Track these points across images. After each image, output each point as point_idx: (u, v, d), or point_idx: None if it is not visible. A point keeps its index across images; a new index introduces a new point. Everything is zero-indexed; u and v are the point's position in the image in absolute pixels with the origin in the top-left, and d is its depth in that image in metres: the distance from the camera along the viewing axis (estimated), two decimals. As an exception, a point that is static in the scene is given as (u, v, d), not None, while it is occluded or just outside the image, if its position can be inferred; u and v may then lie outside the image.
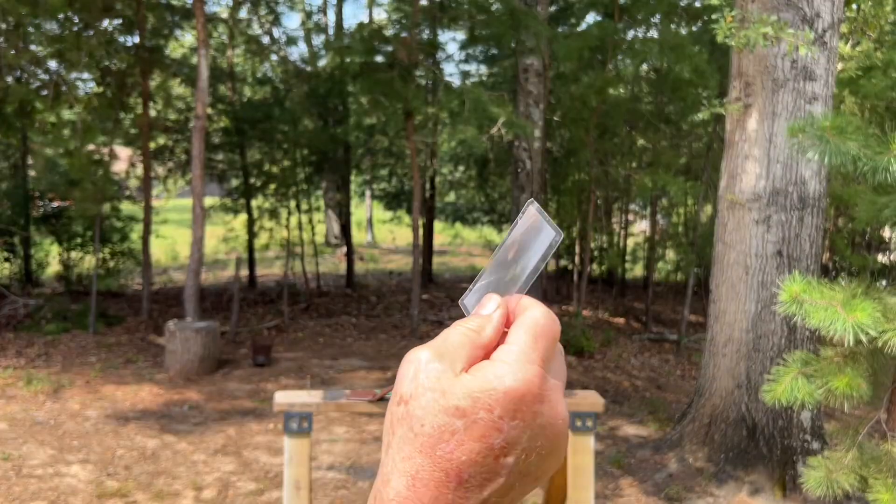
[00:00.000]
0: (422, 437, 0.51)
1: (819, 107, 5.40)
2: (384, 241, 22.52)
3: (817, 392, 3.11)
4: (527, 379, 0.53)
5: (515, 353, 0.54)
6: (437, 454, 0.51)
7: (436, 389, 0.52)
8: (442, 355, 0.54)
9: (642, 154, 13.17)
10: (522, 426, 0.52)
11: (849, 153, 2.68)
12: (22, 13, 8.90)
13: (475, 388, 0.52)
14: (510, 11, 9.45)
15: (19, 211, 11.99)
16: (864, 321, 2.61)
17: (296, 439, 3.58)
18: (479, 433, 0.51)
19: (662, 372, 9.39)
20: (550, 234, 0.61)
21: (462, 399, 0.52)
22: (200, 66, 8.70)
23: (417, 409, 0.52)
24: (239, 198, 13.01)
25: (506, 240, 0.64)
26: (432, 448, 0.51)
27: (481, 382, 0.52)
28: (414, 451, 0.51)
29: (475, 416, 0.51)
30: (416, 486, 0.51)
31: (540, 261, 0.61)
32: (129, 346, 9.13)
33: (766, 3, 5.24)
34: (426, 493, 0.51)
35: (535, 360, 0.54)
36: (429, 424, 0.51)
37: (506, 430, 0.52)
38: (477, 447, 0.51)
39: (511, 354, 0.54)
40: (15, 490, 5.09)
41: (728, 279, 5.72)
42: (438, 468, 0.51)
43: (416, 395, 0.52)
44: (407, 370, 0.54)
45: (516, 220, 0.64)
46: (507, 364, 0.53)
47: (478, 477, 0.52)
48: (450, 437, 0.51)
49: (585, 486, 3.65)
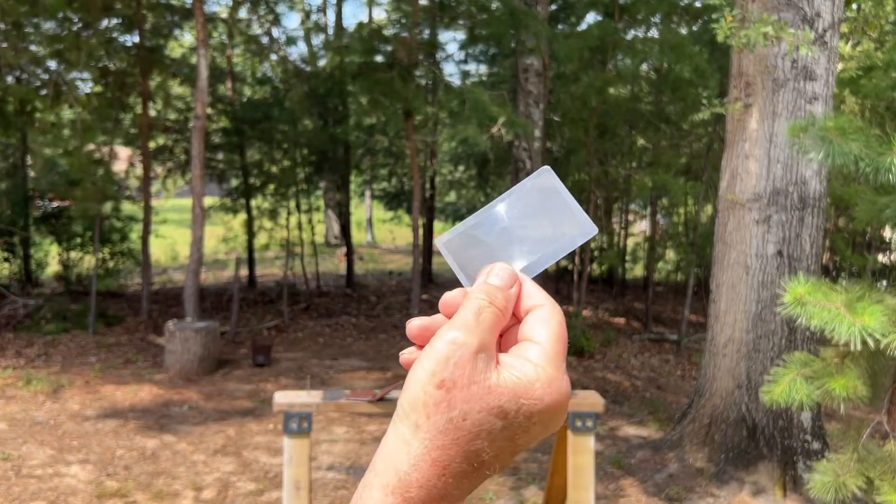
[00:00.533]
0: (461, 431, 0.52)
1: (819, 107, 5.39)
2: (384, 241, 22.51)
3: (815, 393, 3.10)
4: (565, 392, 0.54)
5: (552, 360, 0.54)
6: (471, 449, 0.52)
7: (481, 385, 0.52)
8: (486, 346, 0.54)
9: (642, 154, 13.16)
10: (546, 430, 0.55)
11: (851, 153, 2.67)
12: (21, 13, 8.89)
13: (521, 394, 0.53)
14: (510, 11, 9.44)
15: (19, 211, 11.98)
16: (872, 325, 2.60)
17: (295, 439, 3.57)
18: (512, 434, 0.53)
19: (662, 372, 9.38)
20: (585, 226, 0.59)
21: (508, 402, 0.52)
22: (200, 66, 8.69)
23: (461, 400, 0.52)
24: (238, 198, 13.00)
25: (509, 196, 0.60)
26: (468, 443, 0.52)
27: (527, 386, 0.53)
28: (450, 442, 0.52)
29: (515, 419, 0.53)
30: (446, 477, 0.52)
31: (562, 249, 0.59)
32: (129, 346, 9.13)
33: (767, 2, 5.24)
34: (453, 484, 0.52)
35: (564, 368, 0.55)
36: (470, 421, 0.52)
37: (533, 433, 0.54)
38: (506, 446, 0.53)
39: (549, 361, 0.54)
40: (14, 490, 5.08)
41: (728, 279, 5.72)
42: (467, 461, 0.52)
43: (461, 385, 0.52)
44: (451, 352, 0.52)
45: (525, 182, 0.60)
46: (546, 371, 0.54)
47: (497, 468, 0.54)
48: (487, 434, 0.52)
49: (585, 486, 3.64)
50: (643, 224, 15.53)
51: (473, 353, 0.52)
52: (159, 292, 12.90)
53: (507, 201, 0.60)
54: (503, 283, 0.57)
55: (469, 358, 0.52)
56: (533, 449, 6.23)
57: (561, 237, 0.59)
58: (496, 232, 0.60)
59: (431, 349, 0.53)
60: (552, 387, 0.53)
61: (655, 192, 12.04)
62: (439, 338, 0.53)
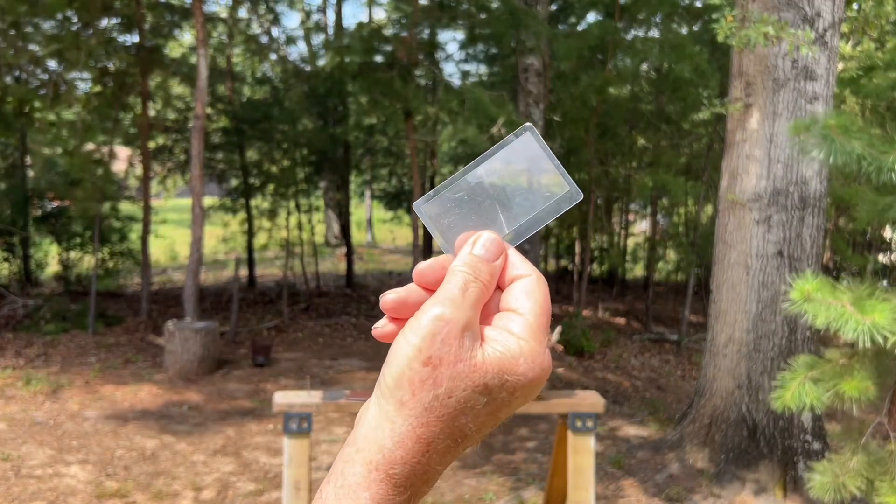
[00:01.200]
0: (446, 409, 0.52)
1: (820, 106, 5.38)
2: (384, 241, 22.50)
3: (825, 396, 3.09)
4: (547, 366, 0.54)
5: (535, 333, 0.54)
6: (455, 425, 0.52)
7: (467, 362, 0.52)
8: (471, 323, 0.53)
9: (642, 154, 13.15)
10: (525, 401, 0.55)
11: (853, 153, 2.66)
12: (20, 12, 8.88)
13: (506, 371, 0.52)
14: (510, 11, 9.43)
15: (18, 211, 11.97)
16: (882, 322, 2.58)
17: (295, 440, 3.56)
18: (495, 409, 0.53)
19: (663, 372, 9.38)
20: (571, 190, 0.56)
21: (492, 379, 0.52)
22: (200, 66, 8.68)
23: (446, 378, 0.51)
24: (238, 198, 12.99)
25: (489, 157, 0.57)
26: (452, 419, 0.52)
27: (511, 362, 0.52)
28: (435, 419, 0.52)
29: (498, 395, 0.53)
30: (430, 454, 0.52)
31: (547, 215, 0.56)
32: (129, 346, 9.12)
33: (767, 2, 5.23)
34: (436, 459, 0.52)
35: (546, 341, 0.54)
36: (455, 398, 0.52)
37: (514, 405, 0.54)
38: (488, 420, 0.53)
39: (532, 334, 0.54)
40: (14, 490, 5.07)
41: (729, 279, 5.71)
42: (451, 437, 0.52)
43: (447, 362, 0.52)
44: (437, 328, 0.52)
45: (505, 142, 0.57)
46: (530, 345, 0.53)
47: (477, 440, 0.54)
48: (470, 411, 0.52)
49: (585, 486, 3.63)
50: (643, 224, 15.52)
51: (460, 331, 0.52)
52: (159, 292, 12.89)
53: (488, 162, 0.57)
54: (489, 254, 0.55)
55: (456, 335, 0.52)
56: (533, 449, 6.22)
57: (545, 202, 0.57)
58: (477, 195, 0.57)
59: (417, 324, 0.52)
60: (535, 362, 0.53)
61: (655, 192, 12.04)
62: (424, 313, 0.53)
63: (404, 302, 0.55)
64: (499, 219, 0.57)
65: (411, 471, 0.51)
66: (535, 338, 0.54)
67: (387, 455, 0.51)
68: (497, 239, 0.56)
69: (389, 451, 0.51)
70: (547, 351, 0.54)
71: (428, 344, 0.51)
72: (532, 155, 0.57)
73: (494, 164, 0.57)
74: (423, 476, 0.52)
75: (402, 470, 0.51)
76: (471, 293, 0.53)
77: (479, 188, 0.57)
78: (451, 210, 0.57)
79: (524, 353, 0.53)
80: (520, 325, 0.54)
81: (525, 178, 0.57)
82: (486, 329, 0.54)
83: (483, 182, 0.57)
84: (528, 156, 0.57)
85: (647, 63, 11.58)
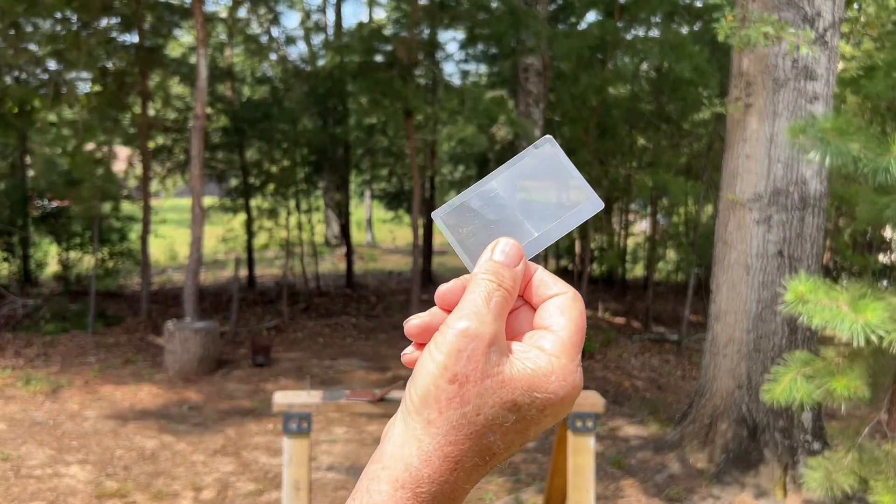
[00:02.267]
0: (474, 426, 0.51)
1: (820, 106, 5.38)
2: (384, 241, 22.49)
3: (816, 392, 3.09)
4: (578, 385, 0.53)
5: (568, 350, 0.53)
6: (483, 442, 0.51)
7: (495, 377, 0.51)
8: (497, 336, 0.52)
9: (642, 154, 13.15)
10: (556, 420, 0.54)
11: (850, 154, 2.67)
12: (20, 12, 8.88)
13: (536, 388, 0.52)
14: (510, 11, 9.43)
15: (18, 211, 11.97)
16: (874, 322, 2.59)
17: (295, 440, 3.56)
18: (524, 426, 0.52)
19: (663, 372, 9.37)
20: (591, 198, 0.57)
21: (521, 395, 0.51)
22: (199, 66, 8.68)
23: (474, 395, 0.51)
24: (238, 198, 12.99)
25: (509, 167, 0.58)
26: (480, 437, 0.51)
27: (542, 379, 0.52)
28: (463, 437, 0.51)
29: (528, 412, 0.52)
30: (458, 472, 0.51)
31: (568, 224, 0.57)
32: (128, 346, 9.11)
33: (767, 2, 5.23)
34: (463, 477, 0.51)
35: (579, 359, 0.54)
36: (483, 415, 0.51)
37: (544, 424, 0.53)
38: (517, 438, 0.53)
39: (565, 351, 0.53)
40: (14, 490, 5.07)
41: (729, 279, 5.71)
42: (479, 455, 0.51)
43: (474, 379, 0.51)
44: (463, 344, 0.51)
45: (525, 153, 0.58)
46: (561, 362, 0.53)
47: (505, 458, 0.53)
48: (499, 428, 0.51)
49: (586, 486, 3.63)
50: (643, 224, 15.52)
51: (487, 346, 0.51)
52: (158, 292, 12.89)
53: (507, 172, 0.58)
54: (509, 259, 0.54)
55: (483, 351, 0.51)
56: (533, 449, 6.22)
57: (567, 210, 0.57)
58: (497, 205, 0.57)
59: (443, 340, 0.51)
60: (567, 380, 0.52)
61: (655, 192, 12.04)
62: (449, 328, 0.51)
63: (428, 326, 0.55)
64: (519, 228, 0.57)
65: (438, 489, 0.50)
66: (568, 354, 0.53)
67: (413, 473, 0.50)
68: (516, 244, 0.55)
69: (416, 470, 0.50)
70: (579, 369, 0.53)
71: (454, 361, 0.50)
72: (553, 166, 0.57)
73: (514, 174, 0.58)
74: (450, 495, 0.51)
75: (428, 489, 0.50)
76: (495, 302, 0.53)
77: (499, 199, 0.57)
78: (470, 220, 0.57)
79: (555, 370, 0.52)
80: (552, 341, 0.53)
81: (545, 188, 0.58)
82: (515, 344, 0.54)
83: (501, 192, 0.57)
84: (548, 167, 0.57)
85: (647, 63, 11.59)
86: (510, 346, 0.53)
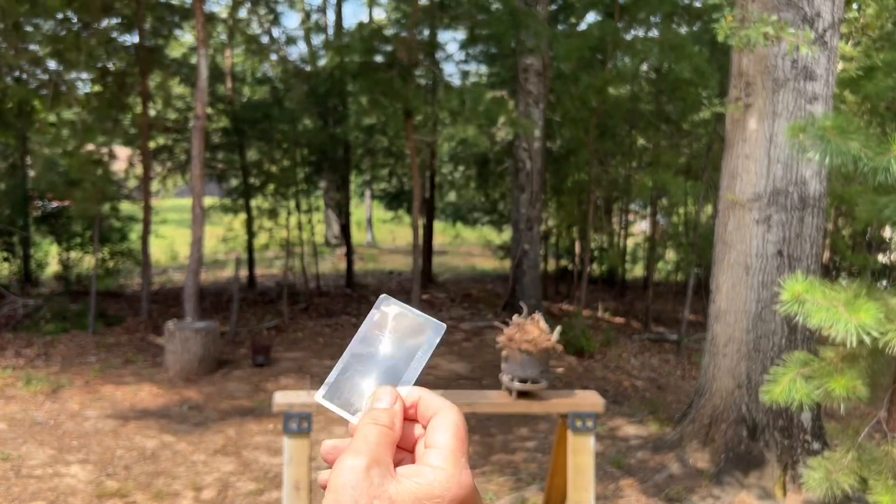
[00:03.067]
0: None
1: (820, 106, 5.39)
2: (384, 241, 22.50)
3: (815, 393, 3.10)
4: (465, 485, 0.58)
5: (450, 459, 0.58)
6: None
7: (382, 497, 0.56)
8: (376, 460, 0.57)
9: (642, 154, 13.16)
10: None
11: (850, 153, 2.67)
12: (21, 12, 8.89)
13: (422, 496, 0.56)
14: (510, 11, 9.44)
15: (18, 211, 11.97)
16: (868, 322, 2.60)
17: (295, 440, 3.57)
18: None
19: (662, 372, 9.38)
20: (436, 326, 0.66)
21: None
22: (200, 66, 8.68)
23: None
24: (238, 198, 12.99)
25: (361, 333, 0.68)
26: None
27: (427, 488, 0.57)
28: None
29: None
30: None
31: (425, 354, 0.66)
32: (129, 346, 9.12)
33: (767, 2, 5.23)
34: None
35: (465, 463, 0.59)
36: None
37: None
38: None
39: (447, 461, 0.58)
40: (14, 490, 5.08)
41: (728, 279, 5.71)
42: None
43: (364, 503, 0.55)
44: (347, 479, 0.56)
45: (371, 315, 0.68)
46: (445, 471, 0.58)
47: None
48: None
49: (585, 486, 3.64)
50: (643, 224, 15.52)
51: (365, 470, 0.56)
52: (159, 292, 12.89)
53: (362, 336, 0.68)
54: (383, 402, 0.62)
55: (363, 476, 0.56)
56: (533, 449, 6.23)
57: (420, 344, 0.66)
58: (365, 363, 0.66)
59: (332, 480, 0.58)
60: (450, 482, 0.57)
61: (655, 192, 12.05)
62: (335, 468, 0.58)
63: (338, 448, 0.62)
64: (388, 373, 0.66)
65: None
66: (450, 462, 0.58)
67: None
68: (389, 388, 0.63)
69: None
70: (466, 471, 0.59)
71: (341, 495, 0.56)
72: (395, 314, 0.68)
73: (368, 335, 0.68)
74: None
75: None
76: (371, 436, 0.59)
77: (363, 358, 0.67)
78: (346, 388, 0.66)
79: (438, 479, 0.57)
80: (436, 456, 0.59)
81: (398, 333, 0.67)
82: (403, 468, 0.59)
83: (363, 353, 0.67)
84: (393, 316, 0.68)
85: (647, 63, 11.59)
86: (399, 471, 0.59)
